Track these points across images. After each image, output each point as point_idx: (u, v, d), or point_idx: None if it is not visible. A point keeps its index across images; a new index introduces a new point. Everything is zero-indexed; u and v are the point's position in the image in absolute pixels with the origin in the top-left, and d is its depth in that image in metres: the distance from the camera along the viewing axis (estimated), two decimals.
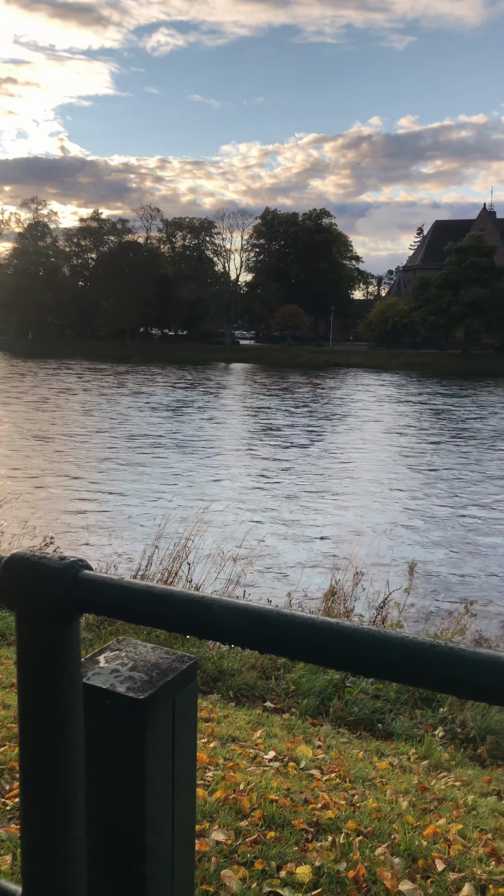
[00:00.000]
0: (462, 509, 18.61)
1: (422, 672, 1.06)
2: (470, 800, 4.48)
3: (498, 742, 6.39)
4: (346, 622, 1.12)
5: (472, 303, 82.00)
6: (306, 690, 6.82)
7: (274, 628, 1.12)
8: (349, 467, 24.37)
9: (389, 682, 6.27)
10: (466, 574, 12.99)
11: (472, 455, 27.69)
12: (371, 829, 3.23)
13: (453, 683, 1.06)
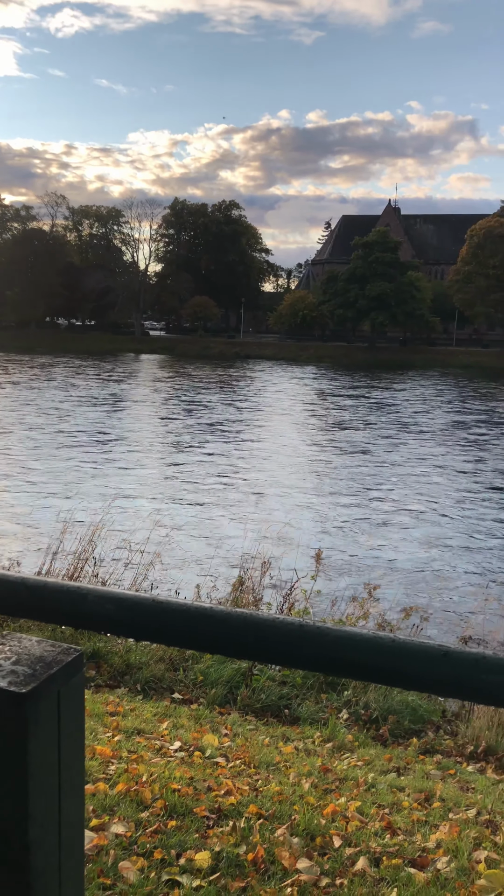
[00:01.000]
0: (368, 498, 19.13)
1: (293, 652, 1.09)
2: (370, 778, 4.63)
3: (399, 721, 6.62)
4: (220, 608, 1.14)
5: (378, 297, 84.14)
6: (214, 680, 6.86)
7: (150, 616, 1.13)
8: (260, 459, 24.60)
9: (264, 663, 6.37)
10: (371, 560, 13.38)
11: (380, 446, 28.47)
12: (272, 811, 3.29)
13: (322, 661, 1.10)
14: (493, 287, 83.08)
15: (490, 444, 29.70)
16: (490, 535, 15.85)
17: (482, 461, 25.58)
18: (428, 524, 16.52)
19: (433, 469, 23.75)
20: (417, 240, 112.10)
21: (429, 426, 34.74)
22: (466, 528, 16.39)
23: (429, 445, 28.85)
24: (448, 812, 4.07)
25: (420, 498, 19.28)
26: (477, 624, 9.00)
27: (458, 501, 19.10)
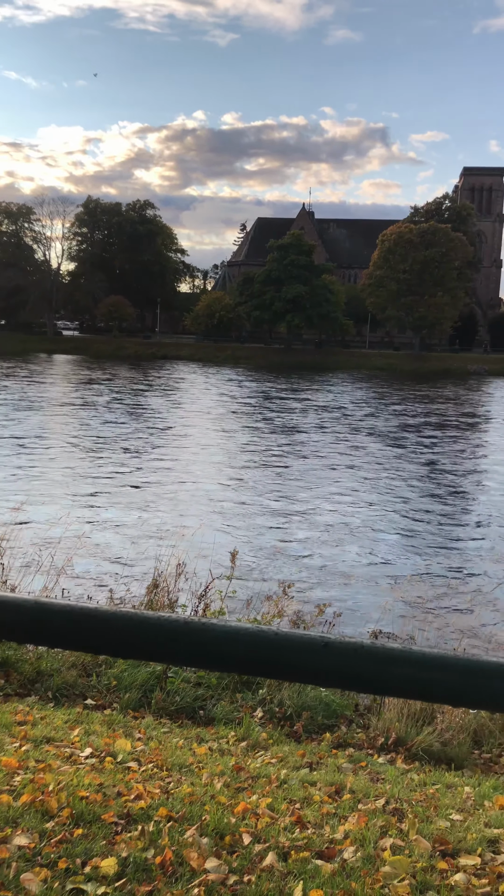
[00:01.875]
0: (285, 498, 19.33)
1: (179, 649, 1.08)
2: (283, 774, 4.68)
3: (313, 717, 6.72)
4: (104, 607, 1.12)
5: (294, 299, 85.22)
6: (128, 684, 6.77)
7: (32, 618, 1.10)
8: (176, 460, 24.47)
9: (149, 661, 6.33)
10: (287, 558, 13.53)
11: (296, 447, 28.82)
12: (182, 813, 3.28)
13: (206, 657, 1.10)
14: (403, 291, 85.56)
15: (405, 443, 30.55)
16: (403, 533, 16.30)
17: (399, 459, 26.29)
18: (343, 522, 16.84)
19: (350, 468, 24.24)
20: (331, 244, 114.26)
21: (345, 426, 35.43)
22: (381, 526, 16.79)
23: (346, 445, 29.42)
24: (357, 803, 4.15)
25: (335, 497, 19.63)
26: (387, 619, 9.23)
27: (374, 500, 19.56)
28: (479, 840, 3.56)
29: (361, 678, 1.04)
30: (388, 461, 26.06)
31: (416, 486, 21.70)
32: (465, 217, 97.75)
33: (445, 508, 19.02)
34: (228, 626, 1.05)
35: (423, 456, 27.65)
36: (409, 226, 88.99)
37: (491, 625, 10.26)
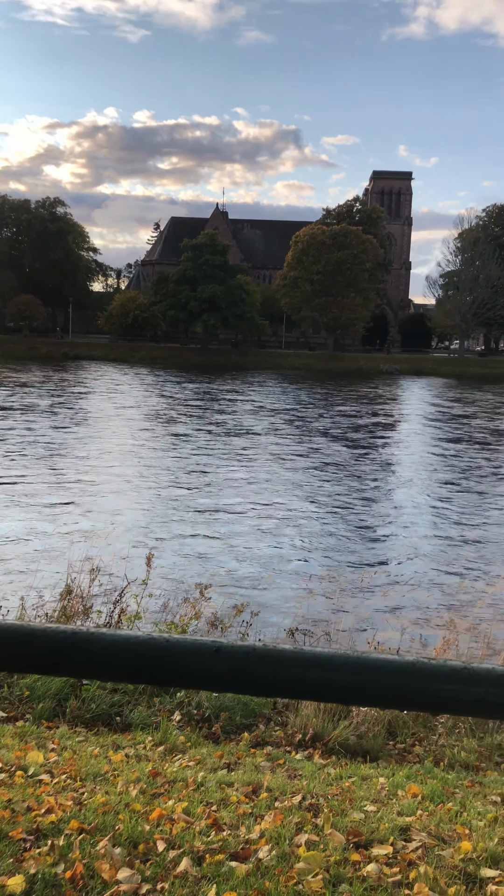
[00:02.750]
0: (200, 499, 19.28)
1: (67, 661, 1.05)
2: (200, 777, 4.65)
3: (231, 717, 6.72)
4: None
5: (209, 299, 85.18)
6: (42, 694, 6.59)
7: None
8: (89, 463, 24.03)
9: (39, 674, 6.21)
10: (204, 560, 13.51)
11: (213, 445, 28.81)
12: (95, 824, 3.21)
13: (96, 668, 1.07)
14: (317, 292, 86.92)
15: (322, 445, 31.01)
16: (323, 531, 16.53)
17: (315, 456, 26.66)
18: (263, 522, 16.94)
19: (266, 467, 24.41)
20: (245, 244, 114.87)
21: (261, 425, 35.67)
22: (301, 524, 16.98)
23: (263, 444, 29.62)
24: (274, 801, 4.17)
25: (255, 496, 19.73)
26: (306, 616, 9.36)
27: (294, 498, 19.76)
28: (391, 829, 3.64)
29: (254, 681, 1.03)
30: (311, 460, 26.41)
31: (337, 484, 22.07)
32: (376, 220, 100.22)
33: (365, 505, 19.42)
34: (118, 635, 1.03)
35: (344, 454, 28.16)
36: (322, 227, 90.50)
37: (405, 618, 10.54)
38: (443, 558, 14.48)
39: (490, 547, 15.54)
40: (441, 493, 21.56)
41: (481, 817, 4.30)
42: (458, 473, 25.13)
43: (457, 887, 2.91)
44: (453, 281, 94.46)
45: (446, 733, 6.79)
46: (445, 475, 24.77)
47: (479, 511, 19.23)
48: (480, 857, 3.33)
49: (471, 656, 8.03)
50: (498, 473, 25.48)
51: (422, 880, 2.91)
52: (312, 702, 6.74)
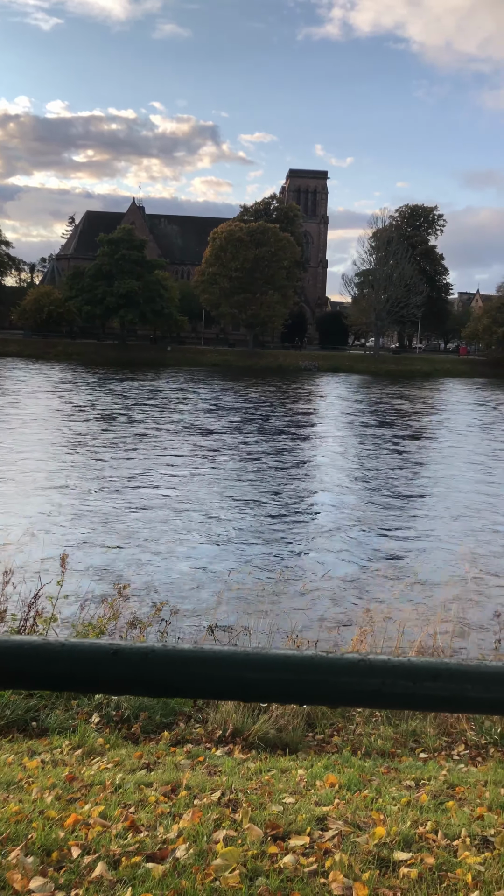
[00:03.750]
0: (116, 497, 19.03)
1: None
2: (118, 779, 4.59)
3: (150, 717, 6.66)
4: None
5: (126, 294, 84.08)
6: None
7: None
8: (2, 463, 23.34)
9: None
10: (122, 559, 13.33)
11: (129, 443, 28.46)
12: (7, 834, 3.12)
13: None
14: (235, 289, 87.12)
15: (240, 442, 31.10)
16: (241, 527, 16.58)
17: (234, 453, 26.72)
18: (181, 518, 16.86)
19: (187, 465, 24.30)
20: (163, 239, 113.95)
21: (181, 423, 35.49)
22: (214, 521, 16.99)
23: (183, 442, 29.47)
24: (193, 799, 4.16)
25: (173, 494, 19.61)
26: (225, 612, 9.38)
27: (207, 496, 19.74)
28: (308, 820, 3.69)
29: (154, 683, 1.02)
30: (230, 456, 26.45)
31: (256, 481, 22.18)
32: (293, 218, 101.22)
33: (282, 501, 19.60)
34: (11, 641, 0.99)
35: (263, 451, 28.33)
36: (240, 224, 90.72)
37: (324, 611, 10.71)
38: (359, 551, 14.79)
39: (403, 539, 15.98)
40: (357, 489, 22.01)
41: (395, 802, 4.42)
42: (374, 471, 25.72)
43: (370, 872, 2.98)
44: (368, 280, 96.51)
45: (363, 722, 6.94)
46: (362, 472, 25.30)
47: (395, 507, 19.74)
48: (394, 840, 3.42)
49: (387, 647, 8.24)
50: (412, 469, 26.22)
51: (337, 868, 2.96)
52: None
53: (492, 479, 24.26)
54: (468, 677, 0.98)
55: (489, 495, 21.44)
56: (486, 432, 38.14)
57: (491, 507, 19.62)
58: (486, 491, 22.13)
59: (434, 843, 3.54)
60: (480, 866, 3.20)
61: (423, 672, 0.99)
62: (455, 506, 19.68)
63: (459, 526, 17.32)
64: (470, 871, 3.11)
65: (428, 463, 27.49)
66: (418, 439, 34.23)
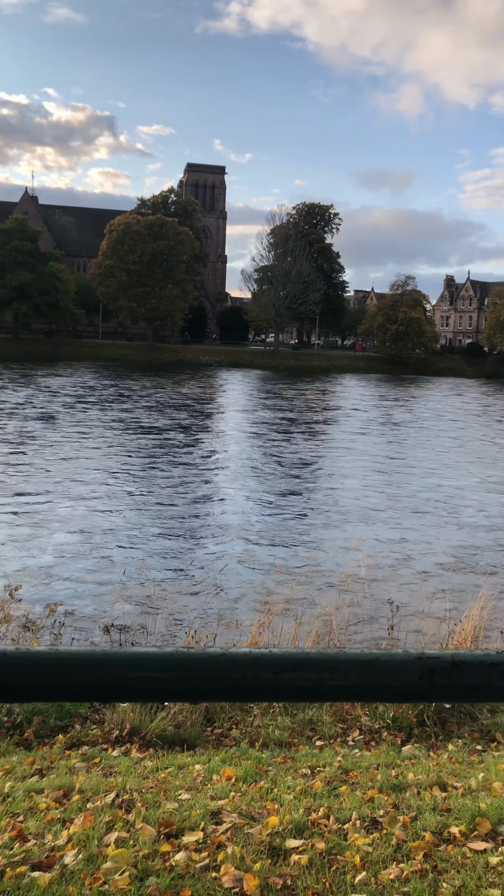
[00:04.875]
0: (9, 495, 18.42)
1: None
2: (7, 787, 4.43)
3: (45, 721, 6.49)
4: None
5: (20, 287, 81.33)
6: None
7: None
8: None
9: None
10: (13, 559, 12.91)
11: (27, 442, 27.59)
12: None
13: None
14: (134, 283, 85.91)
15: (139, 438, 30.73)
16: (131, 525, 16.38)
17: (132, 448, 26.36)
18: (70, 518, 16.48)
19: (83, 462, 23.79)
20: (57, 231, 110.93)
21: (81, 419, 34.71)
22: (108, 519, 16.72)
23: (78, 438, 28.82)
24: (87, 803, 4.07)
25: (70, 493, 19.15)
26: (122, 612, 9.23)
27: (102, 494, 19.41)
28: (202, 815, 3.68)
29: (7, 687, 0.97)
30: (129, 451, 26.07)
31: (153, 478, 21.97)
32: (191, 212, 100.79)
33: (178, 499, 19.51)
34: None
35: (160, 447, 28.09)
36: (137, 217, 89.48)
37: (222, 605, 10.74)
38: (258, 545, 14.93)
39: (301, 531, 16.25)
40: (255, 485, 22.21)
41: (290, 791, 4.48)
42: (274, 465, 26.02)
43: (262, 862, 3.00)
44: (267, 276, 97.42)
45: (261, 714, 7.01)
46: (261, 467, 25.55)
47: (293, 500, 20.05)
48: (286, 829, 3.46)
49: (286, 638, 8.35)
50: (311, 463, 26.71)
51: (229, 861, 2.97)
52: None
53: (385, 473, 25.06)
54: (327, 666, 0.98)
55: (384, 489, 22.13)
56: (384, 427, 39.37)
57: (384, 500, 20.27)
58: (380, 484, 22.84)
59: (326, 829, 3.61)
60: (369, 847, 3.29)
61: (285, 663, 0.99)
62: (350, 498, 20.20)
63: (355, 517, 17.79)
64: (358, 852, 3.19)
65: (326, 456, 28.09)
66: (316, 434, 34.91)
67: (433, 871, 3.03)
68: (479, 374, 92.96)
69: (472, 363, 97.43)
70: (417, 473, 24.78)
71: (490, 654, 1.01)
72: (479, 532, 16.78)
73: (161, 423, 34.94)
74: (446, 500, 20.26)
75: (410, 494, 21.05)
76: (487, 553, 14.96)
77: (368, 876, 2.96)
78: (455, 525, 17.43)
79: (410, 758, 5.88)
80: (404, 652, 1.01)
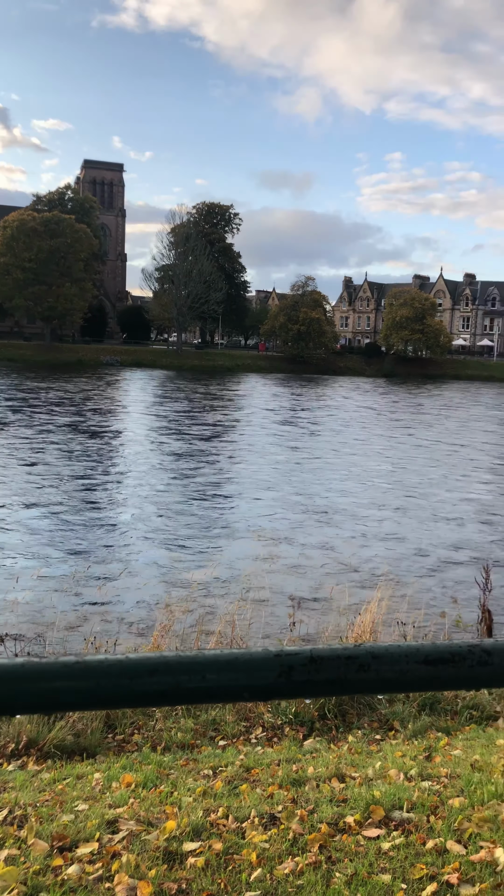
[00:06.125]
0: None
1: None
2: None
3: None
4: None
5: None
6: None
7: None
8: None
9: None
10: None
11: None
12: None
13: None
14: (30, 280, 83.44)
15: (39, 440, 29.87)
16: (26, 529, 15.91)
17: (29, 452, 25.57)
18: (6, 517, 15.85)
19: None
20: None
21: None
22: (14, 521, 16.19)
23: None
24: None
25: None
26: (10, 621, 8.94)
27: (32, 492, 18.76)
28: (98, 825, 3.60)
29: None
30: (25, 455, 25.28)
31: (54, 479, 21.40)
32: (89, 209, 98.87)
33: (79, 501, 19.10)
34: None
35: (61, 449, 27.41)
36: (32, 213, 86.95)
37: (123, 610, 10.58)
38: (159, 546, 14.81)
39: (204, 529, 16.24)
40: (155, 486, 22.03)
41: (191, 793, 4.45)
42: (177, 464, 25.89)
43: (157, 868, 2.96)
44: (168, 275, 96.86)
45: (164, 717, 6.94)
46: (162, 467, 25.37)
47: (195, 499, 20.01)
48: (184, 832, 3.43)
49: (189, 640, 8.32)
50: (215, 461, 26.75)
51: (123, 870, 2.91)
52: None
53: (286, 471, 25.41)
54: (184, 668, 0.97)
55: (286, 487, 22.43)
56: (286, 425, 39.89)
57: (286, 497, 20.54)
58: (282, 483, 23.14)
59: (224, 828, 3.60)
60: (266, 843, 3.30)
61: (141, 668, 0.96)
62: (252, 497, 20.36)
63: (257, 516, 17.93)
64: (255, 849, 3.20)
65: (229, 455, 28.19)
66: (220, 433, 35.00)
67: (327, 862, 3.08)
68: (377, 374, 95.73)
69: (371, 363, 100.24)
70: (319, 470, 25.27)
71: (348, 647, 1.02)
72: (377, 526, 17.27)
73: (57, 422, 34.10)
74: (345, 496, 20.75)
75: (313, 492, 21.42)
76: (385, 548, 15.41)
77: (264, 872, 2.98)
78: (354, 520, 17.87)
79: (312, 752, 5.97)
80: (263, 650, 1.01)
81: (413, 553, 14.98)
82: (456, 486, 23.29)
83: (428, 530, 17.02)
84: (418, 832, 3.45)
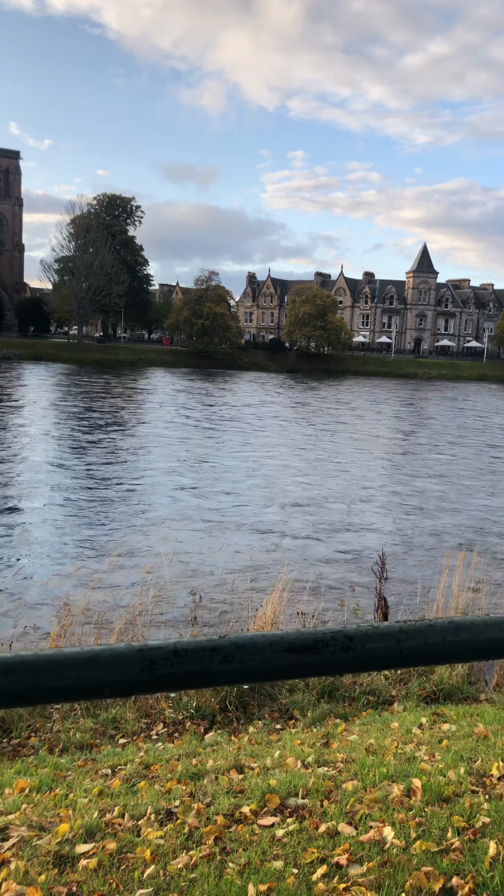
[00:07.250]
0: None
1: None
2: None
3: None
4: None
5: None
6: None
7: None
8: None
9: None
10: None
11: None
12: None
13: None
14: None
15: None
16: None
17: None
18: None
19: None
20: None
21: None
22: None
23: None
24: None
25: None
26: None
27: None
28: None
29: None
30: None
31: None
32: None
33: None
34: None
35: None
36: None
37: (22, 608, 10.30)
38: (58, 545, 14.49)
39: (104, 526, 16.00)
40: (55, 484, 21.54)
41: (87, 794, 4.37)
42: (79, 461, 25.37)
43: (48, 873, 2.89)
44: (68, 266, 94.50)
45: (62, 718, 6.79)
46: (64, 465, 24.81)
47: (95, 499, 19.68)
48: (77, 834, 3.37)
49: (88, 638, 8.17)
50: (118, 458, 26.38)
51: (11, 877, 2.82)
52: None
53: (190, 465, 25.37)
54: (42, 667, 0.94)
55: (188, 483, 22.39)
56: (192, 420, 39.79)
57: (188, 493, 20.51)
58: (186, 479, 23.09)
59: (120, 827, 3.56)
60: (161, 840, 3.29)
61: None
62: (154, 494, 20.22)
63: (157, 512, 17.82)
64: (150, 846, 3.18)
65: (133, 451, 27.86)
66: (125, 430, 34.52)
67: (221, 853, 3.10)
68: (281, 369, 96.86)
69: (275, 358, 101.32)
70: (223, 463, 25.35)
71: (212, 639, 1.03)
72: (279, 519, 17.51)
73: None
74: (249, 490, 20.92)
75: (214, 486, 21.48)
76: (286, 539, 15.64)
77: (157, 869, 2.96)
78: (255, 514, 18.05)
79: (212, 745, 5.99)
80: (126, 645, 0.99)
81: (315, 543, 15.27)
82: (354, 472, 23.91)
83: (327, 519, 17.40)
84: (312, 817, 3.52)
